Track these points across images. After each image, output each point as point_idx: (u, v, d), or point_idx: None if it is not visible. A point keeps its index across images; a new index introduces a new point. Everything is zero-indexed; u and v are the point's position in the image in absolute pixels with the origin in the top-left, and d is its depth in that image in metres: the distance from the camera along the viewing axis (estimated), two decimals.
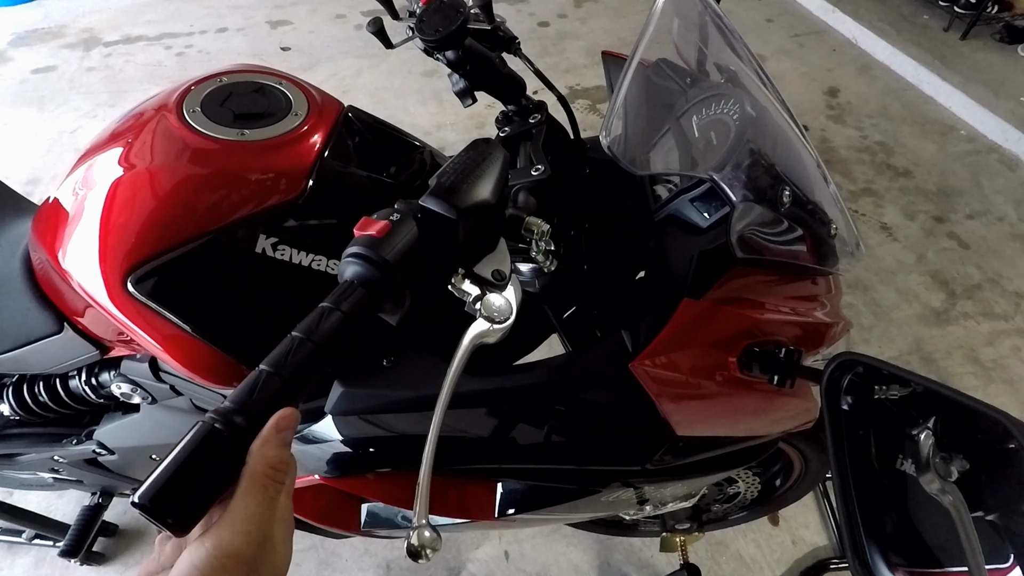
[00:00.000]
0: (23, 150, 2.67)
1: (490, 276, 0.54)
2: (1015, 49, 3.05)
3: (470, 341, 0.52)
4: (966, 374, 1.89)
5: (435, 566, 1.51)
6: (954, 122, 2.84)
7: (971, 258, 2.23)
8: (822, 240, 0.75)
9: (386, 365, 0.70)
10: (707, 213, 0.72)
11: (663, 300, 0.67)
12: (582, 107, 2.92)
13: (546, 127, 0.79)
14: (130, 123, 0.74)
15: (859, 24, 3.31)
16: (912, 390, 0.57)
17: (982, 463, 0.55)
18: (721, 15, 0.77)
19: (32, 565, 1.53)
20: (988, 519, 0.55)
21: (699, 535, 1.32)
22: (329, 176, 0.71)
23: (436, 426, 0.49)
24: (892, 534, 0.61)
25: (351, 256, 0.48)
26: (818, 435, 0.97)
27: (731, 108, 0.73)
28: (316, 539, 1.51)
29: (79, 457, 1.09)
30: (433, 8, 0.71)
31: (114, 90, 3.00)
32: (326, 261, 0.70)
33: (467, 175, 0.53)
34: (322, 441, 0.76)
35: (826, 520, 1.59)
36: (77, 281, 0.68)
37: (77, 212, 0.69)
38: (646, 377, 0.66)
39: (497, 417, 0.73)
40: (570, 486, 0.88)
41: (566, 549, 1.55)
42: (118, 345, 0.81)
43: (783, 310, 0.74)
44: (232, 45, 3.32)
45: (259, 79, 0.78)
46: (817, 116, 2.85)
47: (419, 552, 0.45)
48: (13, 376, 0.96)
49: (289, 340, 0.44)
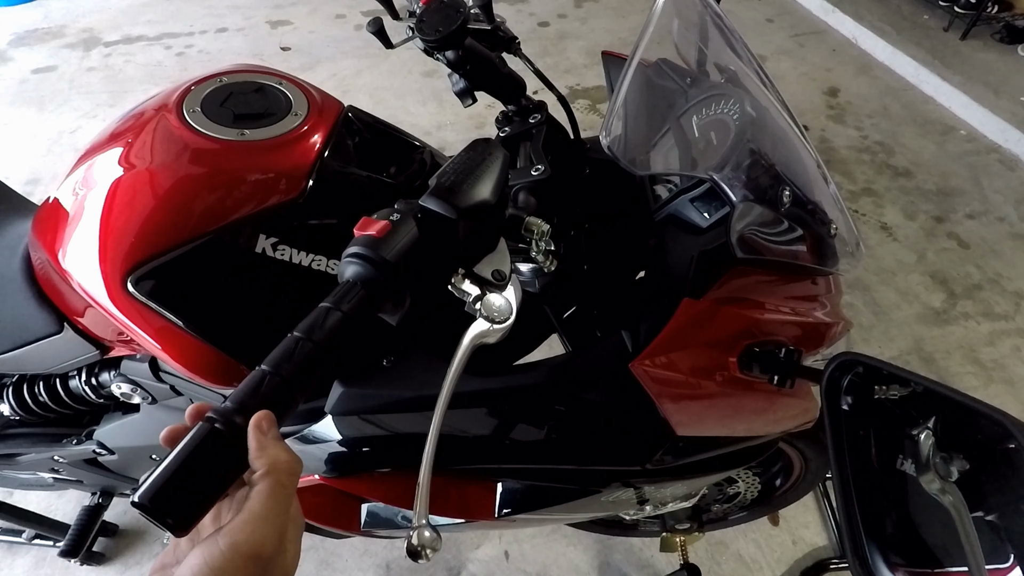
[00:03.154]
0: (23, 150, 2.67)
1: (490, 276, 0.54)
2: (1015, 49, 3.05)
3: (470, 341, 0.52)
4: (966, 374, 1.89)
5: (435, 566, 1.51)
6: (954, 122, 2.84)
7: (971, 258, 2.23)
8: (822, 240, 0.75)
9: (386, 365, 0.70)
10: (707, 213, 0.72)
11: (663, 300, 0.67)
12: (582, 107, 2.92)
13: (546, 127, 0.79)
14: (130, 123, 0.74)
15: (859, 24, 3.31)
16: (912, 390, 0.57)
17: (982, 463, 0.55)
18: (721, 15, 0.77)
19: (32, 565, 1.53)
20: (988, 519, 0.55)
21: (699, 535, 1.32)
22: (329, 176, 0.71)
23: (436, 426, 0.49)
24: (892, 534, 0.61)
25: (351, 256, 0.48)
26: (818, 435, 0.97)
27: (731, 108, 0.73)
28: (316, 539, 1.51)
29: (79, 457, 1.09)
30: (433, 8, 0.71)
31: (114, 90, 3.00)
32: (326, 261, 0.70)
33: (467, 175, 0.53)
34: (322, 441, 0.76)
35: (826, 520, 1.59)
36: (77, 281, 0.68)
37: (77, 212, 0.69)
38: (646, 377, 0.66)
39: (497, 417, 0.73)
40: (570, 486, 0.88)
41: (566, 549, 1.55)
42: (118, 345, 0.81)
43: (783, 310, 0.74)
44: (232, 45, 3.32)
45: (259, 79, 0.78)
46: (817, 116, 2.85)
47: (419, 552, 0.45)
48: (13, 376, 0.96)
49: (289, 340, 0.44)
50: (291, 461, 0.40)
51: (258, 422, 0.40)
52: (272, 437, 0.40)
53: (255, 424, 0.40)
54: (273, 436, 0.40)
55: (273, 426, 0.41)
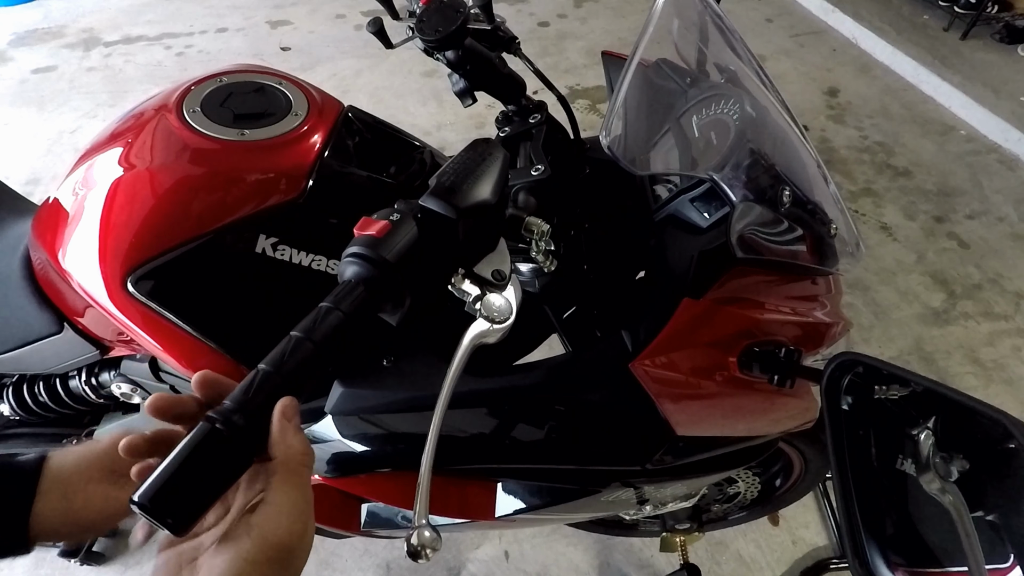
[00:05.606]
0: (23, 150, 2.67)
1: (490, 276, 0.54)
2: (1015, 49, 3.05)
3: (470, 341, 0.52)
4: (966, 374, 1.89)
5: (435, 566, 1.51)
6: (954, 122, 2.84)
7: (971, 258, 2.23)
8: (822, 240, 0.75)
9: (386, 365, 0.70)
10: (707, 213, 0.72)
11: (663, 300, 0.67)
12: (582, 107, 2.92)
13: (546, 127, 0.79)
14: (130, 123, 0.74)
15: (859, 24, 3.31)
16: (912, 390, 0.57)
17: (982, 463, 0.55)
18: (721, 15, 0.77)
19: (32, 565, 1.53)
20: (988, 519, 0.55)
21: (699, 535, 1.32)
22: (329, 176, 0.71)
23: (436, 426, 0.49)
24: (892, 534, 0.61)
25: (351, 256, 0.48)
26: (818, 435, 0.97)
27: (731, 108, 0.73)
28: (316, 539, 1.50)
29: None
30: (433, 8, 0.71)
31: (114, 90, 3.00)
32: (326, 261, 0.70)
33: (467, 175, 0.53)
34: (322, 441, 0.76)
35: (826, 520, 1.59)
36: (77, 281, 0.68)
37: (77, 212, 0.69)
38: (646, 377, 0.66)
39: (497, 417, 0.73)
40: (570, 486, 0.88)
41: (566, 549, 1.55)
42: (118, 345, 0.81)
43: (783, 310, 0.74)
44: (232, 45, 3.32)
45: (259, 79, 0.78)
46: (817, 116, 2.85)
47: (419, 552, 0.45)
48: (13, 376, 0.96)
49: (289, 340, 0.44)
50: (308, 452, 0.41)
51: (284, 408, 0.41)
52: (295, 425, 0.41)
53: (280, 410, 0.40)
54: (295, 425, 0.41)
55: (296, 414, 0.41)
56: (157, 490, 0.36)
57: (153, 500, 0.36)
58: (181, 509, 0.37)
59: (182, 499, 0.37)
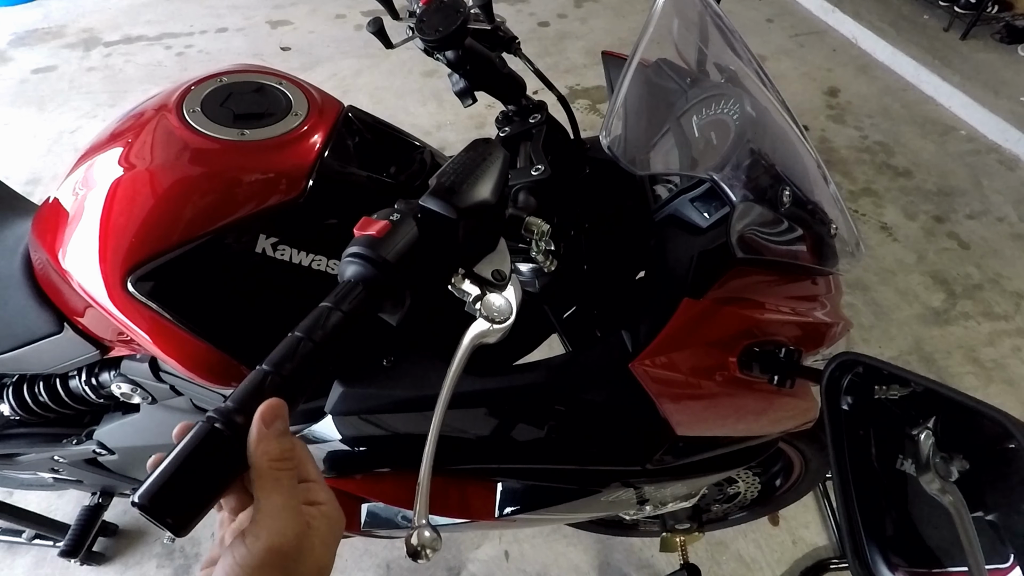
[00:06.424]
0: (23, 150, 2.67)
1: (490, 276, 0.54)
2: (1015, 49, 3.05)
3: (470, 341, 0.52)
4: (966, 374, 1.89)
5: (435, 566, 1.51)
6: (954, 122, 2.84)
7: (971, 258, 2.23)
8: (822, 240, 0.75)
9: (386, 365, 0.70)
10: (707, 213, 0.72)
11: (663, 300, 0.67)
12: (582, 107, 2.92)
13: (546, 127, 0.79)
14: (130, 123, 0.74)
15: (859, 24, 3.31)
16: (912, 390, 0.57)
17: (982, 463, 0.55)
18: (721, 15, 0.77)
19: (32, 565, 1.53)
20: (988, 519, 0.55)
21: (699, 535, 1.32)
22: (329, 176, 0.71)
23: (436, 426, 0.49)
24: (892, 534, 0.61)
25: (351, 256, 0.48)
26: (818, 435, 0.97)
27: (731, 108, 0.73)
28: None
29: (79, 457, 1.09)
30: (433, 8, 0.71)
31: (114, 90, 3.00)
32: (326, 261, 0.70)
33: (467, 175, 0.53)
34: (322, 441, 0.76)
35: (826, 520, 1.59)
36: (77, 281, 0.68)
37: (77, 212, 0.69)
38: (646, 377, 0.66)
39: (497, 417, 0.73)
40: (570, 486, 0.88)
41: (566, 549, 1.55)
42: (118, 345, 0.81)
43: (783, 310, 0.74)
44: (232, 45, 3.32)
45: (259, 79, 0.78)
46: (817, 116, 2.85)
47: (419, 552, 0.45)
48: (13, 376, 0.96)
49: (289, 340, 0.44)
50: (278, 450, 0.40)
51: (263, 412, 0.40)
52: (274, 430, 0.40)
53: (258, 416, 0.40)
54: (276, 429, 0.40)
55: (278, 418, 0.41)
56: (157, 490, 0.36)
57: (153, 500, 0.36)
58: (181, 509, 0.37)
59: (182, 499, 0.37)
